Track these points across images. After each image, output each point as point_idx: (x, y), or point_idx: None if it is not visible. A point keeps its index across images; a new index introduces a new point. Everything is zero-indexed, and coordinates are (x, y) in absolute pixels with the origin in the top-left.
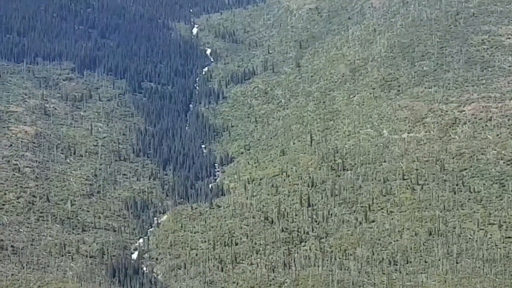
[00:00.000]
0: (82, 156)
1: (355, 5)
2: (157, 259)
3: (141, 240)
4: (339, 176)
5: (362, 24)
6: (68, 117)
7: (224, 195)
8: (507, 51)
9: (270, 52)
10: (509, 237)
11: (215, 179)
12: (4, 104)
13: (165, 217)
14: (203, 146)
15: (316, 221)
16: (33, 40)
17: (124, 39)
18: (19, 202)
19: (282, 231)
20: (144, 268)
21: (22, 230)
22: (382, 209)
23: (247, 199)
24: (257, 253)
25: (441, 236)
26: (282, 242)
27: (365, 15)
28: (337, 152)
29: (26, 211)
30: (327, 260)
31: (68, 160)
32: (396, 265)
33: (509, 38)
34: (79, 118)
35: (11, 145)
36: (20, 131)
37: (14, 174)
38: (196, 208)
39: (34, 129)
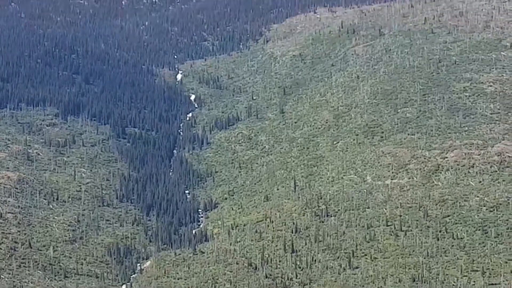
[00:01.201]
0: (65, 201)
1: (338, 52)
2: None
3: (124, 287)
4: (322, 222)
5: (345, 71)
6: (51, 162)
7: (208, 241)
8: (488, 99)
9: (254, 98)
10: (493, 284)
11: (199, 225)
12: None
13: (148, 263)
14: (187, 191)
15: (300, 267)
16: (17, 86)
17: (108, 85)
18: (0, 248)
19: (266, 277)
20: None
21: (3, 277)
22: (365, 255)
23: (230, 245)
24: None
25: (424, 282)
26: None
27: (348, 62)
28: (321, 198)
29: (7, 257)
30: None
31: (51, 206)
32: None
33: (490, 86)
34: (62, 164)
35: None
36: (3, 176)
37: None
38: (179, 254)
39: (17, 174)
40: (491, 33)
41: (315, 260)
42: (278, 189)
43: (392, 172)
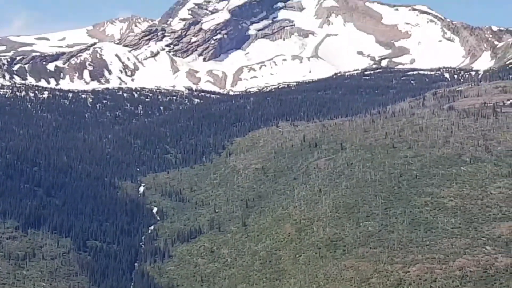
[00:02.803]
0: None
1: (300, 166)
2: None
3: None
4: None
5: (307, 184)
6: (11, 276)
7: None
8: (449, 213)
9: (217, 211)
10: None
11: None
12: None
13: None
14: None
15: None
16: None
17: (70, 198)
18: None
19: None
20: None
21: None
22: None
23: None
24: None
25: None
26: None
27: (311, 175)
28: None
29: None
30: None
31: None
32: None
33: (451, 200)
34: (21, 277)
35: None
36: None
37: None
38: None
39: None
40: (451, 148)
41: None
42: None
43: (355, 286)
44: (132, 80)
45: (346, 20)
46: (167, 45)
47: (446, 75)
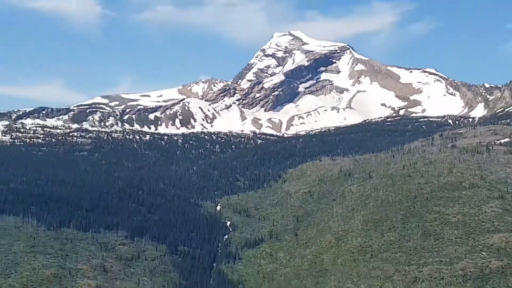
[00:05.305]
0: None
1: (338, 190)
2: None
3: None
4: None
5: (343, 204)
6: (121, 273)
7: None
8: (453, 226)
9: (275, 224)
10: None
11: None
12: (73, 263)
13: None
14: None
15: None
16: (98, 215)
17: (165, 214)
18: None
19: None
20: None
21: None
22: None
23: None
24: None
25: None
26: None
27: (346, 197)
28: None
29: None
30: None
31: None
32: None
33: (454, 217)
34: (129, 274)
35: None
36: (85, 283)
37: None
38: None
39: (95, 282)
40: (454, 177)
41: None
42: None
43: (380, 282)
44: (211, 126)
45: (372, 80)
46: (237, 100)
47: (450, 121)
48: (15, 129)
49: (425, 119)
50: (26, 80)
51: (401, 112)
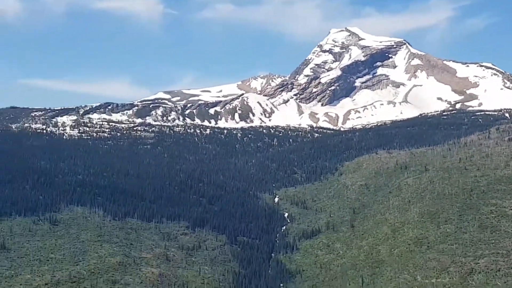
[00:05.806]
0: None
1: (394, 183)
2: None
3: None
4: None
5: (399, 196)
6: (183, 262)
7: None
8: (510, 219)
9: (331, 216)
10: None
11: None
12: (138, 252)
13: None
14: (281, 285)
15: None
16: (160, 206)
17: (225, 205)
18: None
19: None
20: None
21: None
22: None
23: None
24: None
25: None
26: None
27: (402, 190)
28: None
29: None
30: None
31: None
32: None
33: (511, 210)
34: (191, 263)
35: (141, 282)
36: (149, 271)
37: None
38: None
39: (158, 270)
40: (510, 170)
41: None
42: (349, 285)
43: (437, 273)
44: (270, 120)
45: (428, 74)
46: (295, 95)
47: (506, 114)
48: (83, 124)
49: (481, 113)
50: (93, 77)
51: (458, 106)
